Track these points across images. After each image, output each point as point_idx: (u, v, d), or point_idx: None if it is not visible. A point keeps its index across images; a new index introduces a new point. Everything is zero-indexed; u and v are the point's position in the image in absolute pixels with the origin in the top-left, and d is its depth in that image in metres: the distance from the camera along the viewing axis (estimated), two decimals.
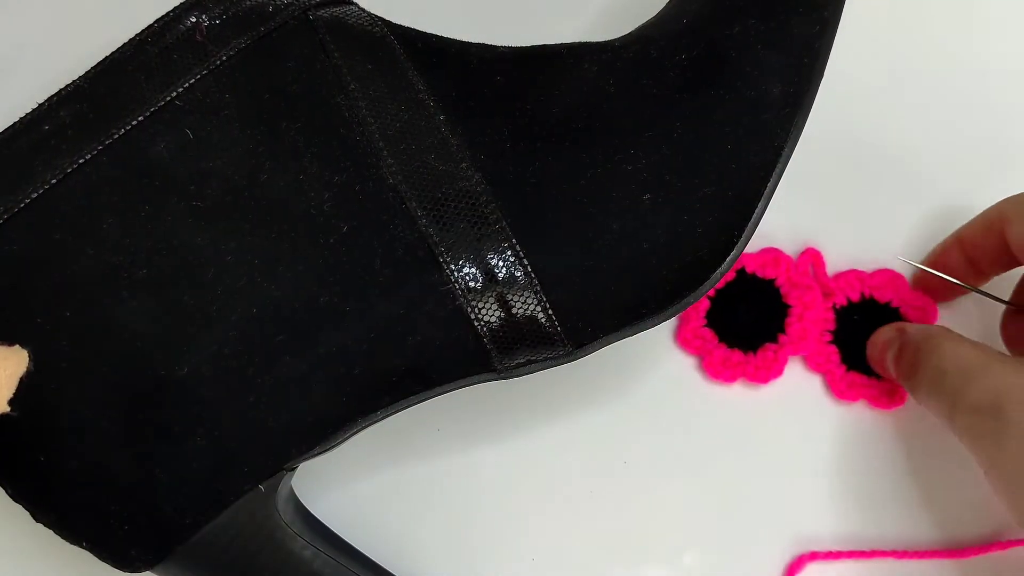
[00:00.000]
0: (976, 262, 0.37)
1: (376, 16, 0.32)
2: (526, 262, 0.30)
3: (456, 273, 0.29)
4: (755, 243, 0.39)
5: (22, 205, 0.28)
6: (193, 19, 0.30)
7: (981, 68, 0.42)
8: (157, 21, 0.30)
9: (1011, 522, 0.36)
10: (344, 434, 0.30)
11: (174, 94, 0.30)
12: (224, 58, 0.30)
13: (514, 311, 0.30)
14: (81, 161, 0.29)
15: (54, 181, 0.29)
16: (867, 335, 0.38)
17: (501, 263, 0.29)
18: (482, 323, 0.30)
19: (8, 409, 0.26)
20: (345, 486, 0.36)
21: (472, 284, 0.29)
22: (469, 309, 0.29)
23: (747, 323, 0.38)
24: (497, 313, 0.30)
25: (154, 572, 0.30)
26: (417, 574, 0.35)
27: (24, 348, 0.27)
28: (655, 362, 0.38)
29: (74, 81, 0.30)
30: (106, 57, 0.30)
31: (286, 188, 0.30)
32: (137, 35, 0.30)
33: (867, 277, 0.39)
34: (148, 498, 0.28)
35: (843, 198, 0.40)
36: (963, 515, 0.37)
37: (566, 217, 0.30)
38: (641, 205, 0.30)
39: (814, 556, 0.35)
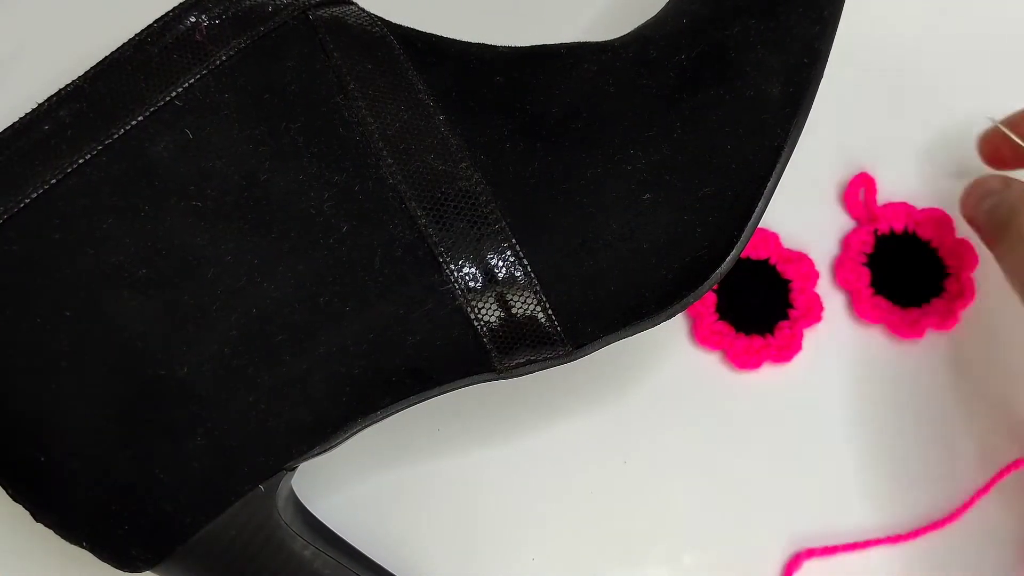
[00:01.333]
0: None
1: (376, 16, 0.32)
2: (526, 262, 0.30)
3: (456, 273, 0.29)
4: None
5: (22, 205, 0.28)
6: (193, 19, 0.30)
7: None
8: (157, 21, 0.30)
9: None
10: (344, 434, 0.30)
11: (174, 94, 0.30)
12: (224, 58, 0.30)
13: (514, 311, 0.30)
14: (81, 161, 0.29)
15: (54, 181, 0.29)
16: (900, 267, 0.39)
17: (501, 263, 0.29)
18: (482, 323, 0.30)
19: None
20: (345, 486, 0.36)
21: (472, 284, 0.29)
22: (469, 309, 0.29)
23: (756, 307, 0.39)
24: (497, 313, 0.30)
25: (154, 572, 0.30)
26: (417, 574, 0.35)
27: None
28: (653, 362, 0.38)
29: (74, 81, 0.30)
30: (106, 57, 0.30)
31: (286, 188, 0.30)
32: (137, 35, 0.30)
33: (915, 212, 0.40)
34: (148, 498, 0.28)
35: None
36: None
37: (566, 217, 0.30)
38: (641, 205, 0.30)
39: (811, 553, 0.35)
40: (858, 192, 0.40)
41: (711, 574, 0.36)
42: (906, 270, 0.39)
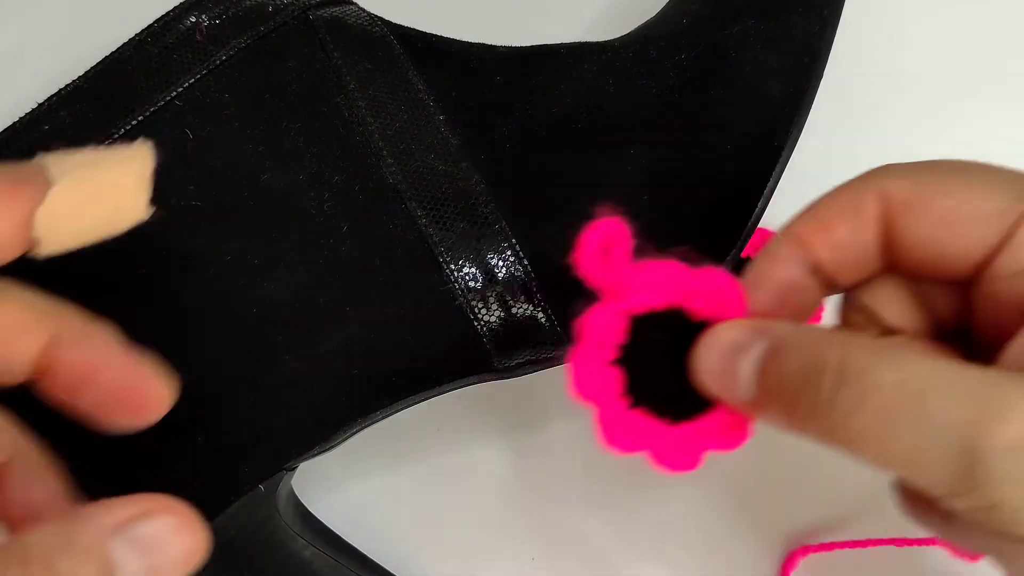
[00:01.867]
0: (830, 271, 0.25)
1: (376, 16, 0.32)
2: (526, 262, 0.30)
3: (456, 273, 0.29)
4: None
5: None
6: (193, 19, 0.30)
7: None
8: (157, 21, 0.30)
9: None
10: (344, 434, 0.30)
11: (174, 94, 0.30)
12: (224, 58, 0.30)
13: (514, 311, 0.30)
14: None
15: None
16: (668, 360, 0.25)
17: (501, 263, 0.29)
18: (482, 323, 0.30)
19: (148, 215, 0.22)
20: (345, 486, 0.36)
21: (472, 284, 0.29)
22: (469, 309, 0.29)
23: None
24: (497, 313, 0.30)
25: None
26: (417, 574, 0.35)
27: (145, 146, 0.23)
28: None
29: (74, 81, 0.30)
30: (106, 57, 0.30)
31: (286, 188, 0.30)
32: (137, 35, 0.30)
33: (688, 275, 0.24)
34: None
35: None
36: None
37: (566, 217, 0.30)
38: (641, 205, 0.30)
39: (807, 551, 0.35)
40: (596, 244, 0.25)
41: (709, 572, 0.36)
42: (674, 371, 0.24)
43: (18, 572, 0.19)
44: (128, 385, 0.23)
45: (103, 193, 0.22)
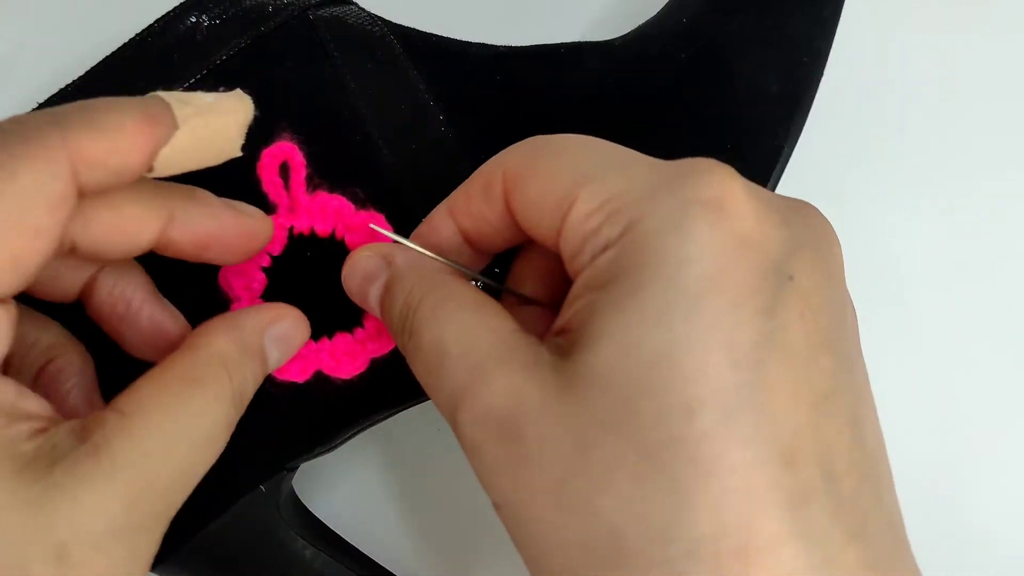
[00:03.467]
0: (474, 239, 0.27)
1: (376, 16, 0.32)
2: None
3: None
4: None
5: None
6: (193, 19, 0.30)
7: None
8: (157, 21, 0.30)
9: None
10: (345, 434, 0.30)
11: None
12: (224, 57, 0.30)
13: None
14: None
15: None
16: (308, 286, 0.28)
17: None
18: None
19: (241, 153, 0.25)
20: (345, 486, 0.36)
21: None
22: None
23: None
24: None
25: (154, 572, 0.30)
26: (417, 574, 0.35)
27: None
28: None
29: (74, 81, 0.30)
30: (106, 57, 0.30)
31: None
32: (137, 34, 0.30)
33: (349, 213, 0.28)
34: None
35: None
36: None
37: None
38: None
39: None
40: (276, 167, 0.29)
41: None
42: (314, 290, 0.28)
43: (221, 375, 0.24)
44: (237, 232, 0.26)
45: (212, 137, 0.24)
